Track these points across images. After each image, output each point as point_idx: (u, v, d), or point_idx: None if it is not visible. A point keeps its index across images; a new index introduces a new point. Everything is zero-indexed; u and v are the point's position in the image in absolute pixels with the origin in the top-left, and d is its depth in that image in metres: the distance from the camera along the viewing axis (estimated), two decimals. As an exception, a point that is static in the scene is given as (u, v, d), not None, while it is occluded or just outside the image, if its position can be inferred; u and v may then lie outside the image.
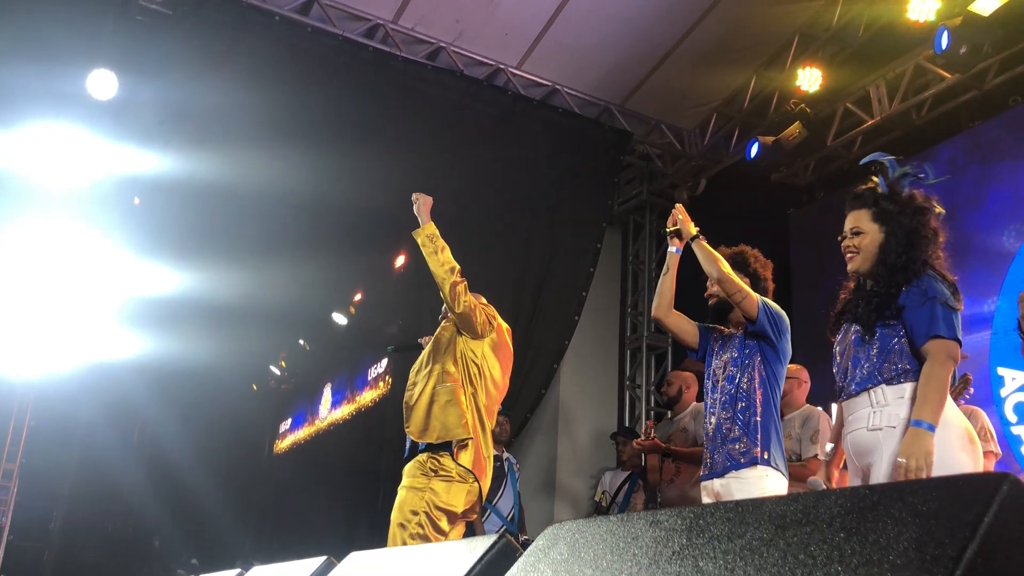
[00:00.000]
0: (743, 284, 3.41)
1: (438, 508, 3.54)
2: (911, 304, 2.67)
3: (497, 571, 1.32)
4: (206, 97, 6.28)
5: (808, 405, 4.59)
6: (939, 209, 2.82)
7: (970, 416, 3.46)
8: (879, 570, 0.73)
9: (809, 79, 6.33)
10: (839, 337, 2.91)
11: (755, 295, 3.42)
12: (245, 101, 6.34)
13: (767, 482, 3.30)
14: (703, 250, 3.49)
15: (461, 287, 3.73)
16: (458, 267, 3.77)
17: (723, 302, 3.60)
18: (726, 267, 3.43)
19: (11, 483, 8.68)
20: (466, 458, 3.61)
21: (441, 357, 3.76)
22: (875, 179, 2.88)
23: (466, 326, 3.79)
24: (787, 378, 4.49)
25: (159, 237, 8.06)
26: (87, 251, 7.95)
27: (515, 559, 1.32)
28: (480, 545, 1.43)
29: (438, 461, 3.60)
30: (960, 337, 2.63)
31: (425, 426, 3.63)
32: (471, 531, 4.61)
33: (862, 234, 2.82)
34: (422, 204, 3.88)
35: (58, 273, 8.16)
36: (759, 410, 3.38)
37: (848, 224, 2.87)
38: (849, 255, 2.85)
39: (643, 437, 5.44)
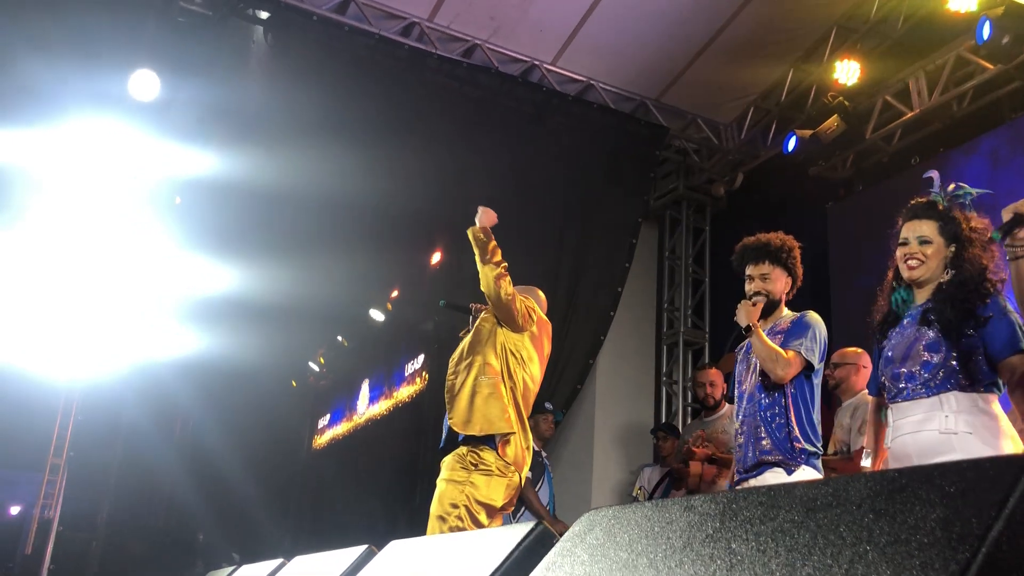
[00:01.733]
0: (792, 360, 3.36)
1: (478, 502, 3.57)
2: (996, 316, 2.72)
3: (534, 556, 1.35)
4: (245, 96, 6.39)
5: (864, 391, 4.48)
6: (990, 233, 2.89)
7: None
8: (906, 549, 0.75)
9: (847, 72, 6.27)
10: (891, 341, 2.93)
11: (799, 359, 3.36)
12: (283, 100, 6.44)
13: (802, 477, 3.29)
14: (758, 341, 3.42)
15: (504, 281, 3.76)
16: (504, 263, 3.81)
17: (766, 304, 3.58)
18: (780, 358, 3.37)
19: (59, 477, 8.88)
20: (510, 452, 3.64)
21: (482, 348, 3.78)
22: (934, 194, 2.95)
23: (506, 318, 3.82)
24: (845, 364, 4.43)
25: (200, 236, 8.19)
26: (130, 250, 8.10)
27: (552, 545, 1.35)
28: (518, 532, 1.46)
29: (478, 455, 3.62)
30: None
31: (468, 418, 3.66)
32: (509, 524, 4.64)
33: (930, 243, 2.87)
34: (483, 214, 3.94)
35: (102, 272, 8.32)
36: (791, 417, 3.35)
37: (913, 231, 2.90)
38: (914, 263, 2.88)
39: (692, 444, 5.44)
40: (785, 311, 3.59)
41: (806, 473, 3.31)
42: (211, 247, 8.38)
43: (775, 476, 3.33)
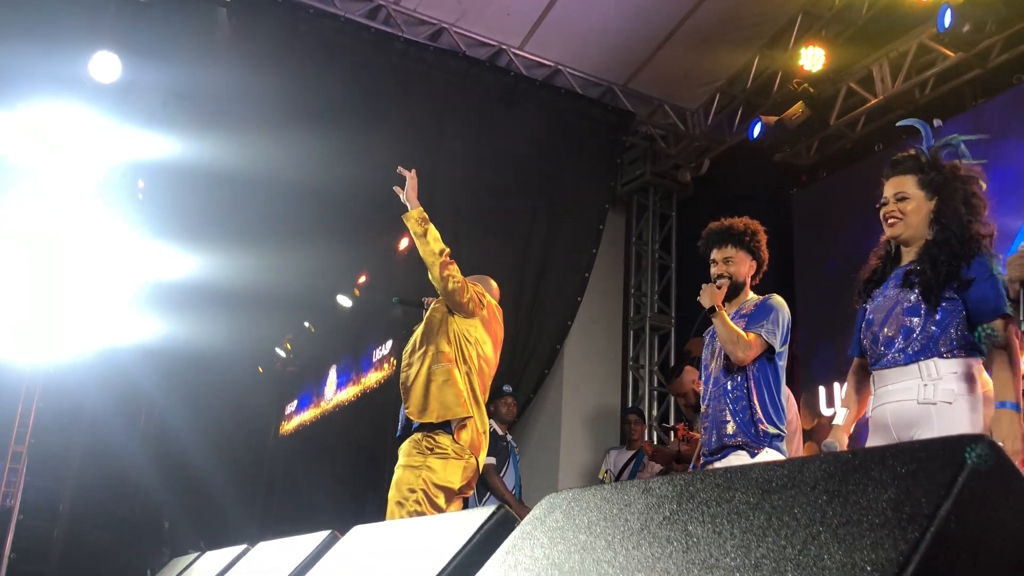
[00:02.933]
0: (752, 342, 3.36)
1: (435, 485, 3.58)
2: (979, 279, 2.60)
3: (495, 540, 1.35)
4: (209, 80, 6.29)
5: None
6: (983, 183, 2.79)
7: None
8: (858, 530, 0.76)
9: (812, 58, 6.31)
10: (874, 303, 2.85)
11: (760, 341, 3.37)
12: (248, 83, 6.35)
13: (766, 459, 3.31)
14: (720, 323, 3.42)
15: (451, 268, 3.75)
16: (447, 249, 3.79)
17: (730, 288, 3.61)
18: (741, 340, 3.36)
19: (20, 464, 8.76)
20: (465, 437, 3.65)
21: (434, 338, 3.78)
22: (914, 149, 2.84)
23: (456, 305, 3.81)
24: None
25: (164, 221, 8.09)
26: (92, 235, 7.98)
27: (513, 528, 1.35)
28: (479, 516, 1.46)
29: (433, 439, 3.63)
30: None
31: (424, 406, 3.66)
32: (468, 508, 4.65)
33: (907, 199, 2.76)
34: (409, 188, 3.91)
35: (63, 257, 8.20)
36: (754, 400, 3.38)
37: (891, 189, 2.80)
38: (892, 220, 2.78)
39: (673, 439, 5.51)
40: (750, 295, 3.62)
41: (770, 456, 3.32)
42: (176, 232, 8.27)
43: (739, 459, 3.35)
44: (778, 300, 3.51)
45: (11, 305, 8.51)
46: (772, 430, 3.36)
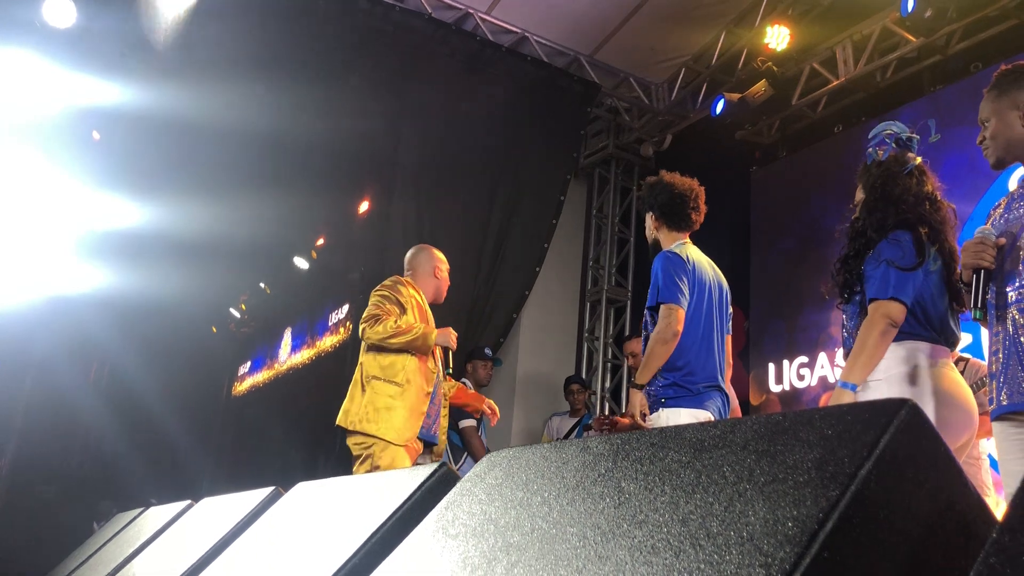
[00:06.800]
0: (661, 331, 3.35)
1: None
2: (868, 271, 2.72)
3: (436, 496, 1.36)
4: (169, 29, 6.15)
5: None
6: (914, 160, 2.89)
7: None
8: (783, 487, 0.77)
9: (777, 37, 6.34)
10: None
11: (665, 310, 3.39)
12: (209, 34, 6.22)
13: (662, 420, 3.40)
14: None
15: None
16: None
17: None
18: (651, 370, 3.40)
19: (-38, 416, 8.59)
20: None
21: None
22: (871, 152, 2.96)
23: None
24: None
25: (119, 170, 7.92)
26: (44, 182, 7.79)
27: (454, 485, 1.36)
28: (421, 473, 1.46)
29: None
30: (902, 296, 2.64)
31: None
32: None
33: (855, 206, 2.94)
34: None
35: (13, 204, 8.00)
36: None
37: None
38: None
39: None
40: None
41: (661, 419, 3.45)
42: (131, 182, 8.10)
43: (656, 418, 3.50)
44: (657, 261, 3.54)
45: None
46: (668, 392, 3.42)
